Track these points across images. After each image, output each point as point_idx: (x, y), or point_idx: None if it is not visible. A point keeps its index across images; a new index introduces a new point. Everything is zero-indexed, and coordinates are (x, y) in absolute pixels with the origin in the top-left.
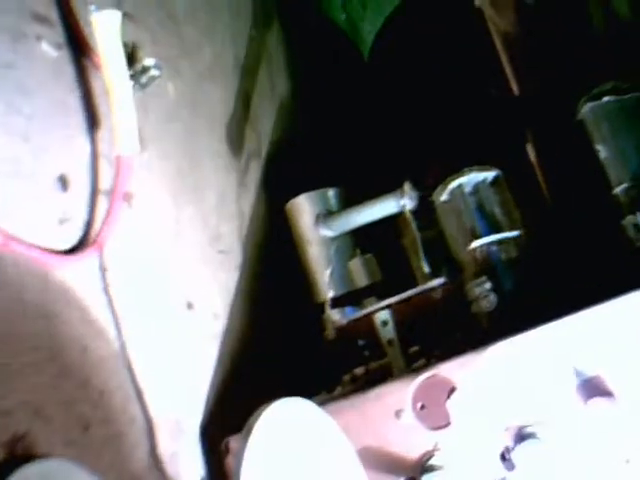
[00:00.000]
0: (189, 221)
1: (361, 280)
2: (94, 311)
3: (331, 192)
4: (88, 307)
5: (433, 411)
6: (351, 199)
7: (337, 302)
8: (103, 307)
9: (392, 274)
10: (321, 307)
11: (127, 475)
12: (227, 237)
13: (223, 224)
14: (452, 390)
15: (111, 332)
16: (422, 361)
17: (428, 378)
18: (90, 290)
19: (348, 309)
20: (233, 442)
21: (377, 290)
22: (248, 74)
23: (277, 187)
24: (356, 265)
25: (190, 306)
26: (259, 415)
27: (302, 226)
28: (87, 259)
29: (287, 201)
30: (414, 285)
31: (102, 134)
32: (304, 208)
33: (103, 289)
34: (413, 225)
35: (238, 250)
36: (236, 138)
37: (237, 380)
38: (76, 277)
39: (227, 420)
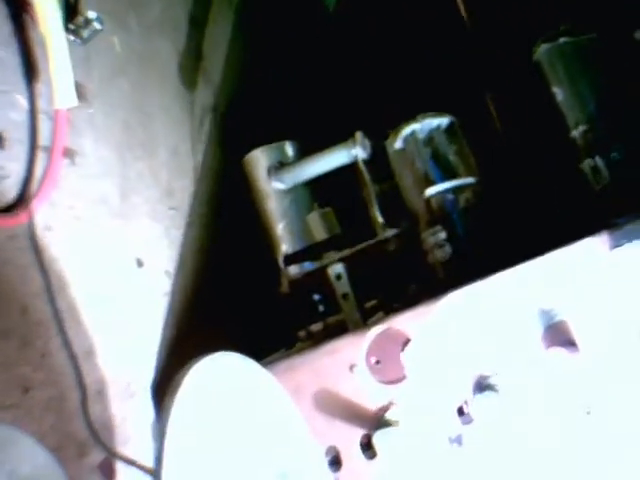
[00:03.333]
0: (139, 177)
1: (319, 234)
2: (34, 271)
3: (288, 145)
4: (28, 266)
5: (387, 365)
6: (309, 152)
7: (294, 257)
8: (44, 266)
9: (354, 229)
10: (282, 261)
11: (70, 440)
12: (179, 193)
13: (175, 180)
14: (406, 342)
15: (52, 292)
16: (379, 314)
17: (382, 331)
18: (30, 249)
19: (307, 264)
20: None
21: (336, 244)
22: (201, 28)
23: (233, 142)
24: (314, 219)
25: (140, 263)
26: (187, 370)
27: (258, 180)
28: (26, 217)
29: (244, 156)
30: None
31: (40, 89)
32: (260, 161)
33: (44, 248)
34: (366, 175)
35: (191, 206)
36: (189, 93)
37: (190, 339)
38: (14, 235)
39: None
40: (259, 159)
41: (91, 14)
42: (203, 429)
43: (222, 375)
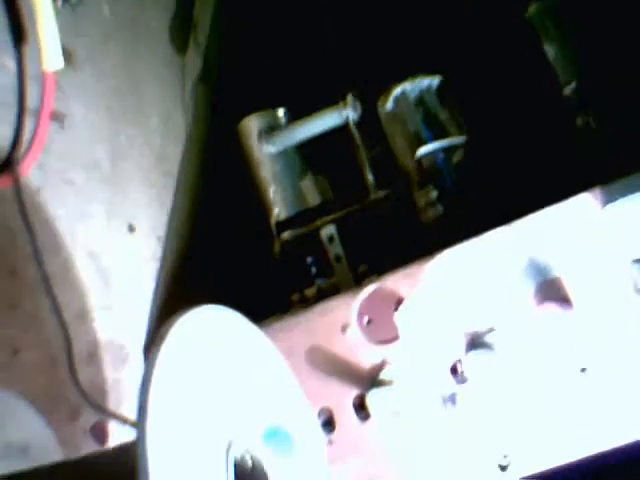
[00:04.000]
0: (130, 143)
1: (313, 200)
2: (23, 234)
3: (280, 111)
4: (17, 229)
5: (379, 325)
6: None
7: (286, 223)
8: (33, 229)
9: (347, 193)
10: (274, 227)
11: (62, 403)
12: (172, 159)
13: (168, 146)
14: (399, 302)
15: (40, 255)
16: (372, 277)
17: (374, 291)
18: (18, 212)
19: (302, 228)
20: None
21: (329, 209)
22: None
23: (226, 108)
24: (307, 185)
25: (132, 228)
26: (173, 322)
27: (250, 146)
28: (13, 179)
29: (236, 122)
30: None
31: (28, 52)
32: (252, 127)
33: (33, 211)
34: (357, 137)
35: (183, 172)
36: (180, 60)
37: (182, 304)
38: (2, 198)
39: None
40: (251, 125)
41: None
42: (189, 382)
43: (210, 328)
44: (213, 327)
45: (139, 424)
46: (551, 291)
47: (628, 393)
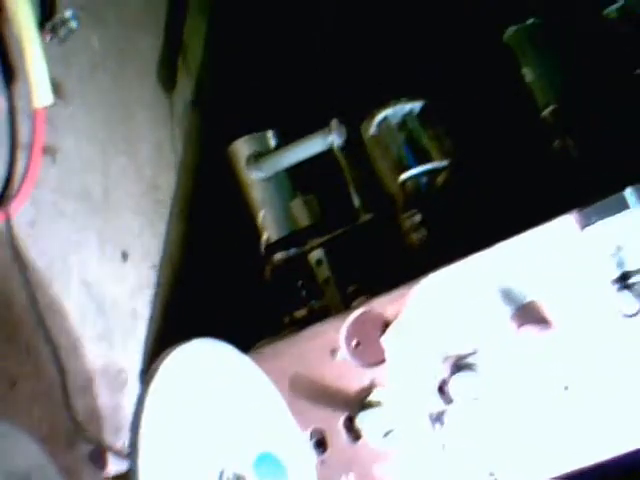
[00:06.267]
0: (122, 172)
1: (303, 220)
2: (16, 266)
3: (269, 134)
4: (11, 263)
5: (368, 348)
6: (289, 140)
7: (276, 245)
8: (28, 262)
9: (336, 214)
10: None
11: (60, 431)
12: (164, 187)
13: (159, 175)
14: (385, 325)
15: (32, 288)
16: (361, 299)
17: (361, 314)
18: (12, 246)
19: (292, 250)
20: None
21: (317, 231)
22: (180, 22)
23: (215, 134)
24: (297, 206)
25: (125, 256)
26: (164, 358)
27: (239, 170)
28: (4, 216)
29: (226, 147)
30: None
31: (19, 89)
32: (240, 152)
33: (28, 244)
34: (343, 161)
35: (175, 199)
36: (169, 88)
37: (177, 330)
38: None
39: None
40: (240, 149)
41: (67, 13)
42: (181, 414)
43: (199, 361)
44: (204, 360)
45: (131, 459)
46: (529, 313)
47: (610, 409)
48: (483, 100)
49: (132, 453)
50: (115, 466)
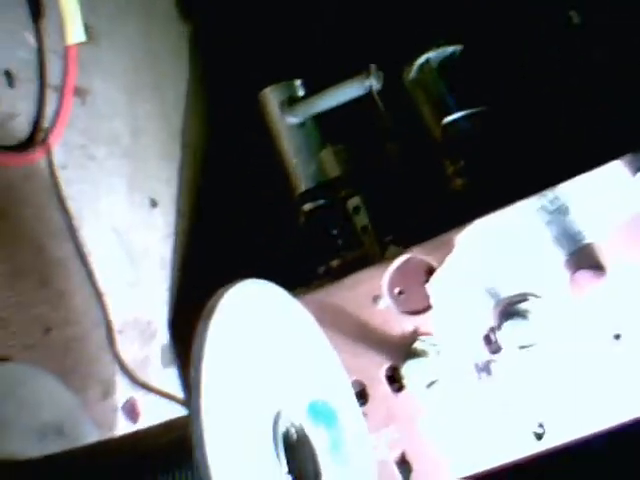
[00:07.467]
0: (148, 118)
1: (333, 170)
2: (48, 210)
3: (298, 82)
4: (42, 205)
5: (411, 295)
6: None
7: (311, 193)
8: (58, 206)
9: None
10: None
11: (92, 379)
12: (191, 134)
13: (186, 121)
14: (430, 272)
15: (67, 231)
16: (398, 248)
17: (404, 261)
18: (44, 188)
19: (325, 200)
20: None
21: (353, 180)
22: None
23: (244, 80)
24: (326, 155)
25: (154, 203)
26: (221, 295)
27: (272, 117)
28: (38, 156)
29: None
30: None
31: (48, 27)
32: (272, 98)
33: (57, 187)
34: (380, 105)
35: (204, 145)
36: (194, 34)
37: (205, 279)
38: (27, 175)
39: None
40: (272, 95)
41: None
42: (238, 356)
43: (254, 302)
44: (258, 301)
45: (193, 400)
46: (583, 258)
47: None
48: (526, 43)
49: (195, 395)
50: (147, 417)
